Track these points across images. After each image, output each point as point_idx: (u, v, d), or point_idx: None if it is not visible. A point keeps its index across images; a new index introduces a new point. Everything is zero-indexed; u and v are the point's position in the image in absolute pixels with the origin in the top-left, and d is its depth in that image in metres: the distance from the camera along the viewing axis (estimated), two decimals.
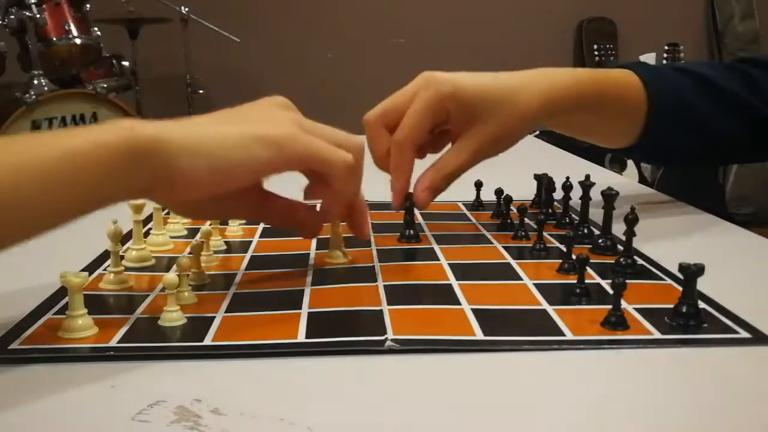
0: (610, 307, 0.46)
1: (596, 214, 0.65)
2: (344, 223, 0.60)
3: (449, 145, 0.66)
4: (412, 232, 0.66)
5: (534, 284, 0.54)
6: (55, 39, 2.43)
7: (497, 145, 0.65)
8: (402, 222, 0.66)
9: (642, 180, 2.99)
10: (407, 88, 0.64)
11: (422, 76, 0.63)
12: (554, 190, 0.74)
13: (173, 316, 0.47)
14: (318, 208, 0.57)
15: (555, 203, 0.75)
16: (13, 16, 2.34)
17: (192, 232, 0.70)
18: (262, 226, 0.72)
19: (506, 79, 0.66)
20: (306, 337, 0.45)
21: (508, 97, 0.64)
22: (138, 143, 0.44)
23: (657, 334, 0.45)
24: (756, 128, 0.77)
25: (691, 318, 0.46)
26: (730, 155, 0.86)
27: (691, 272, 0.46)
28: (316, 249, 0.64)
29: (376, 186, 0.63)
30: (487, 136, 0.64)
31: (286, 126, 0.50)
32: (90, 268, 0.58)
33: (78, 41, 2.47)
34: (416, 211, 0.70)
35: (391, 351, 0.43)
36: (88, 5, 2.55)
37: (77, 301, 0.46)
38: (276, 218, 0.58)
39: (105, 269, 0.57)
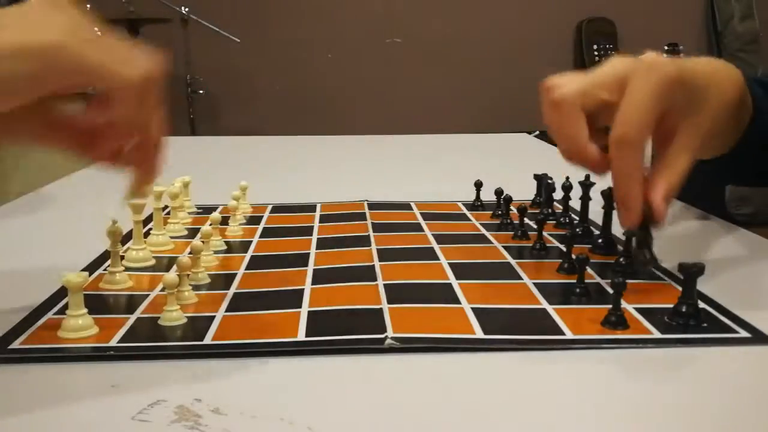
0: (610, 306, 0.46)
1: (596, 214, 0.65)
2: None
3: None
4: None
5: (534, 284, 0.54)
6: None
7: (710, 139, 0.56)
8: (402, 222, 0.66)
9: None
10: (610, 69, 0.52)
11: (631, 58, 0.53)
12: (554, 190, 0.74)
13: (173, 316, 0.47)
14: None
15: (555, 203, 0.76)
16: None
17: (192, 232, 0.70)
18: (262, 226, 0.72)
19: (702, 62, 0.56)
20: (306, 336, 0.45)
21: (713, 83, 0.55)
22: None
23: (657, 334, 0.45)
24: None
25: (691, 318, 0.46)
26: None
27: (691, 272, 0.46)
28: (316, 249, 0.64)
29: (376, 186, 0.63)
30: (706, 127, 0.53)
31: (55, 33, 0.41)
32: (90, 268, 0.58)
33: None
34: (415, 211, 0.70)
35: (391, 349, 0.43)
36: (88, 5, 2.54)
37: (77, 300, 0.46)
38: (63, 140, 0.48)
39: (105, 269, 0.57)
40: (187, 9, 2.89)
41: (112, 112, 0.44)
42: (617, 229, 0.59)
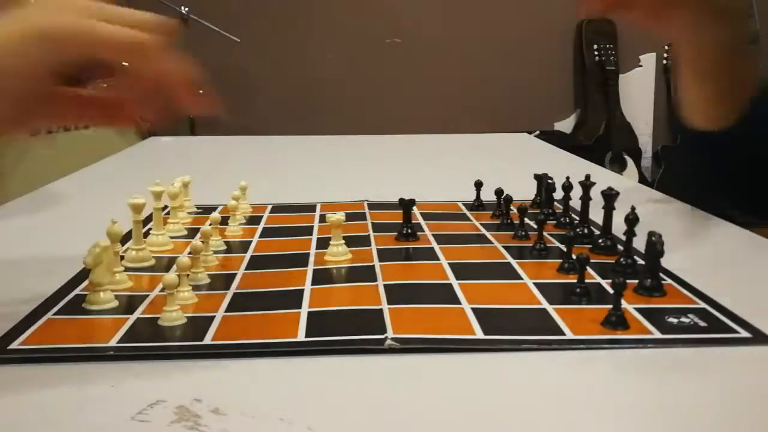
0: (610, 306, 0.46)
1: (596, 214, 0.65)
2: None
3: None
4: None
5: (534, 284, 0.54)
6: None
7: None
8: (401, 222, 0.66)
9: (642, 180, 3.00)
10: None
11: None
12: (554, 190, 0.74)
13: (173, 316, 0.47)
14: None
15: (555, 203, 0.75)
16: None
17: (192, 232, 0.70)
18: (262, 226, 0.72)
19: None
20: (306, 336, 0.45)
21: None
22: None
23: (657, 334, 0.45)
24: None
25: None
26: None
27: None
28: (316, 249, 0.64)
29: (376, 186, 0.63)
30: None
31: (68, 15, 0.43)
32: None
33: None
34: (415, 211, 0.70)
35: (391, 350, 0.43)
36: None
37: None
38: (74, 114, 0.51)
39: None
40: (187, 9, 2.89)
41: (135, 74, 0.47)
42: (618, 230, 0.59)
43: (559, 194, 0.72)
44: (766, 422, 0.36)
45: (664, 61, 3.43)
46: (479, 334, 0.45)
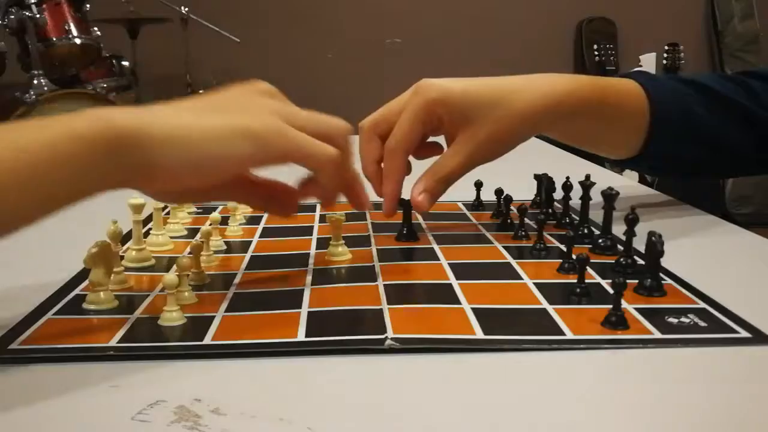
0: (610, 306, 0.46)
1: (596, 214, 0.65)
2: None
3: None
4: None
5: (534, 284, 0.54)
6: (55, 39, 2.43)
7: (494, 146, 0.65)
8: (401, 222, 0.66)
9: (642, 180, 2.99)
10: (401, 97, 0.64)
11: (415, 84, 0.64)
12: (554, 190, 0.74)
13: (173, 316, 0.47)
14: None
15: (555, 203, 0.75)
16: (13, 16, 2.34)
17: (192, 232, 0.70)
18: (262, 226, 0.72)
19: (501, 82, 0.65)
20: (306, 336, 0.45)
21: (505, 97, 0.64)
22: (115, 136, 0.43)
23: (657, 334, 0.45)
24: (761, 139, 0.76)
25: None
26: (736, 166, 0.83)
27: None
28: (316, 249, 0.64)
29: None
30: (480, 138, 0.63)
31: (269, 118, 0.49)
32: None
33: (78, 41, 2.47)
34: (415, 211, 0.70)
35: (391, 350, 0.43)
36: (88, 5, 2.55)
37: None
38: (252, 199, 0.57)
39: None
40: (187, 9, 2.89)
41: (317, 181, 0.53)
42: (618, 230, 0.59)
43: (559, 194, 0.72)
44: (766, 422, 0.36)
45: (664, 61, 3.43)
46: (479, 334, 0.45)
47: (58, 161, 0.41)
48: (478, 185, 0.79)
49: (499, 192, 0.74)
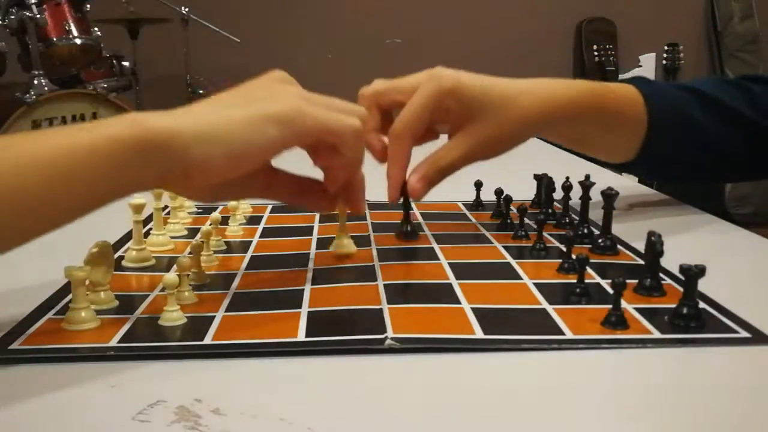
0: (610, 306, 0.46)
1: (596, 214, 0.65)
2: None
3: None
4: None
5: (534, 284, 0.54)
6: (55, 39, 2.42)
7: (494, 146, 0.65)
8: (401, 222, 0.66)
9: (642, 180, 2.99)
10: (411, 78, 0.63)
11: (429, 70, 0.63)
12: (554, 190, 0.74)
13: (173, 316, 0.47)
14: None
15: (555, 203, 0.75)
16: (13, 16, 2.33)
17: (192, 232, 0.70)
18: (262, 226, 0.72)
19: (508, 83, 0.66)
20: (306, 336, 0.45)
21: (509, 99, 0.64)
22: (150, 138, 0.45)
23: (657, 334, 0.45)
24: (757, 144, 0.76)
25: (692, 320, 0.46)
26: (732, 171, 0.84)
27: (692, 274, 0.46)
28: (317, 249, 0.64)
29: (376, 187, 0.63)
30: (484, 135, 0.63)
31: (292, 101, 0.50)
32: None
33: (78, 41, 2.47)
34: (414, 210, 0.70)
35: (391, 350, 0.43)
36: (88, 5, 2.55)
37: (80, 294, 0.47)
38: (286, 195, 0.58)
39: None
40: (187, 9, 2.89)
41: (341, 157, 0.53)
42: (617, 230, 0.59)
43: (558, 194, 0.72)
44: (766, 422, 0.36)
45: (664, 62, 3.43)
46: (479, 334, 0.45)
47: (100, 162, 0.44)
48: (478, 185, 0.79)
49: (499, 192, 0.74)
